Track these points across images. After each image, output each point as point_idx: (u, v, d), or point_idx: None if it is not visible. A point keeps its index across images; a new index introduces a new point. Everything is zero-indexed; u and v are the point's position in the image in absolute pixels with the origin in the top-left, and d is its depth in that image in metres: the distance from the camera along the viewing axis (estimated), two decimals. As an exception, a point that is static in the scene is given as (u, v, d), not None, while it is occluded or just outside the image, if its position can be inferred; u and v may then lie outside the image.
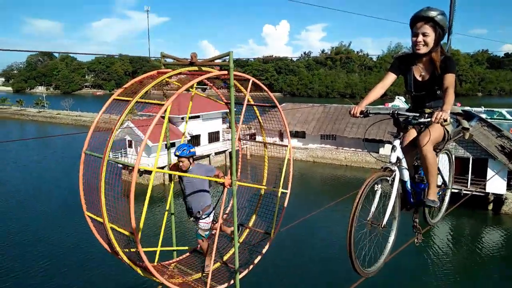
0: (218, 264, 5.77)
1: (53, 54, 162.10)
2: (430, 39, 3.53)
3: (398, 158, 3.66)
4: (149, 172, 34.79)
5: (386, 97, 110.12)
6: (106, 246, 4.70)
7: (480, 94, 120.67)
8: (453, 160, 4.69)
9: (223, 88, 5.91)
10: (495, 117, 58.00)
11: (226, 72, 4.66)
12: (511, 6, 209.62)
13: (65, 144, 52.39)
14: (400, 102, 78.09)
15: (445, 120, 3.20)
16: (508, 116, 61.31)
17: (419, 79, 3.80)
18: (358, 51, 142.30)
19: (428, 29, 3.49)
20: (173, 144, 36.52)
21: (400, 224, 3.97)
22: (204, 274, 5.35)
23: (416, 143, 3.80)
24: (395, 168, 3.61)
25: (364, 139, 42.30)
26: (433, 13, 3.44)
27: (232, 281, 5.17)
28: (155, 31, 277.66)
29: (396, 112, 3.59)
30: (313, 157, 44.76)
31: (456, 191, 28.74)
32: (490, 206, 30.83)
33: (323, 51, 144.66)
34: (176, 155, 5.16)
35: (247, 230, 6.21)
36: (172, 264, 5.56)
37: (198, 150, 39.64)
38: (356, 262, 3.47)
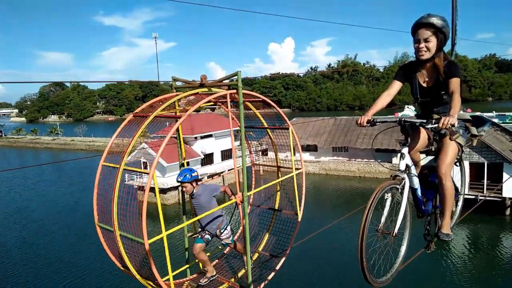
0: (226, 284, 5.69)
1: (64, 84, 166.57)
2: (432, 45, 3.56)
3: (407, 166, 3.64)
4: (165, 191, 35.22)
5: (396, 106, 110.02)
6: (116, 262, 4.69)
7: (491, 99, 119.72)
8: (464, 165, 4.57)
9: (234, 107, 5.99)
10: (507, 121, 57.48)
11: (234, 91, 4.72)
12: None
13: (79, 169, 53.28)
14: (410, 111, 77.83)
15: (453, 125, 3.19)
16: (520, 120, 60.69)
17: (424, 85, 3.83)
18: (365, 62, 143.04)
19: (429, 35, 3.53)
20: (187, 163, 37.06)
21: (412, 233, 3.97)
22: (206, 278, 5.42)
23: (425, 141, 3.88)
24: (405, 175, 3.60)
25: (374, 149, 42.14)
26: (433, 20, 3.49)
27: None
28: (163, 56, 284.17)
29: (403, 119, 3.60)
30: (325, 170, 44.78)
31: (472, 197, 28.44)
32: (508, 211, 30.36)
33: (329, 65, 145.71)
34: (178, 181, 5.17)
35: (261, 247, 6.19)
36: (186, 282, 5.49)
37: (211, 168, 40.10)
38: (368, 272, 3.44)
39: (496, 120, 43.35)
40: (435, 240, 4.18)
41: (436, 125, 3.29)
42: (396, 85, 3.89)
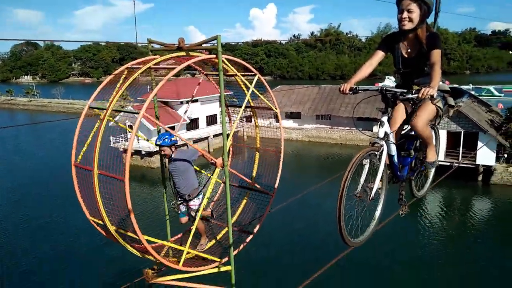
0: (213, 241, 5.87)
1: (37, 43, 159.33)
2: (415, 15, 3.60)
3: (385, 133, 3.78)
4: (151, 155, 35.41)
5: (376, 77, 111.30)
6: (101, 230, 4.77)
7: (468, 72, 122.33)
8: (439, 133, 4.81)
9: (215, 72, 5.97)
10: (483, 94, 59.47)
11: (214, 56, 4.65)
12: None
13: (61, 131, 52.41)
14: (390, 82, 78.95)
15: (432, 96, 3.29)
16: (495, 93, 62.93)
17: (406, 56, 3.90)
18: (347, 32, 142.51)
19: (413, 5, 3.58)
20: (172, 128, 37.16)
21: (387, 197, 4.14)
22: (198, 250, 5.52)
23: (405, 118, 3.99)
24: (383, 143, 3.74)
25: (356, 117, 43.18)
26: None
27: (226, 258, 5.29)
28: (140, 18, 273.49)
29: (384, 88, 3.73)
30: (308, 137, 45.72)
31: (448, 164, 29.95)
32: (480, 177, 32.21)
33: (312, 33, 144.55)
34: (157, 145, 5.21)
35: (238, 212, 6.32)
36: (165, 246, 5.58)
37: (197, 133, 40.33)
38: (345, 233, 3.59)
39: (473, 93, 44.87)
40: (408, 202, 4.54)
41: (416, 95, 3.39)
42: (379, 55, 3.98)
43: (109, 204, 4.43)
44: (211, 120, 42.71)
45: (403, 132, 4.31)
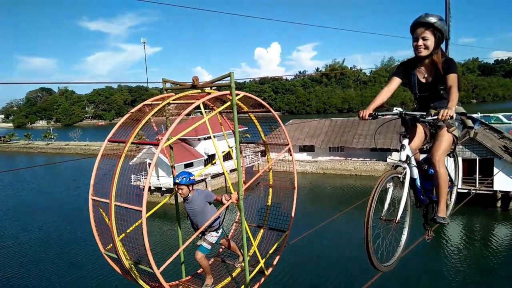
0: (228, 279, 5.73)
1: (52, 88, 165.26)
2: (430, 42, 3.73)
3: (407, 156, 3.81)
4: (170, 192, 36.13)
5: (383, 108, 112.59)
6: (116, 267, 4.73)
7: (475, 101, 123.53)
8: (458, 158, 4.80)
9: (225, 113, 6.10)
10: (492, 121, 60.01)
11: (228, 92, 4.75)
12: (497, 14, 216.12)
13: (78, 172, 53.63)
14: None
15: (451, 117, 3.35)
16: (504, 120, 63.46)
17: (423, 81, 3.99)
18: (352, 66, 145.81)
19: (427, 33, 3.71)
20: (191, 164, 38.10)
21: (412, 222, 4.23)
22: None
23: (422, 136, 4.06)
24: (406, 165, 3.77)
25: (370, 148, 43.77)
26: (431, 19, 3.70)
27: None
28: (149, 61, 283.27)
29: (403, 112, 3.80)
30: (323, 169, 46.27)
31: (465, 191, 30.19)
32: (499, 204, 32.28)
33: (317, 69, 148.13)
34: (175, 183, 5.10)
35: (260, 234, 6.29)
36: (181, 285, 5.57)
37: (213, 169, 41.17)
38: (374, 257, 3.62)
39: (483, 121, 45.52)
40: (433, 227, 4.53)
41: (436, 117, 3.46)
42: (396, 82, 4.07)
43: (126, 240, 4.38)
44: (226, 156, 43.59)
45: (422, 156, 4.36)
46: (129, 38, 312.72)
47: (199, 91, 4.92)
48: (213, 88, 5.17)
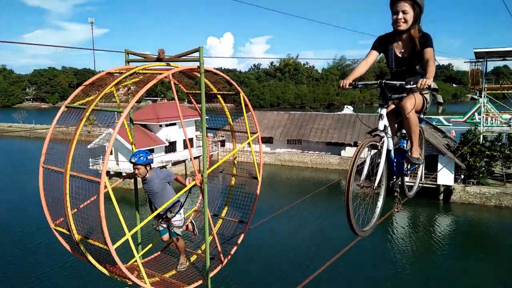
0: (194, 257, 5.65)
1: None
2: (410, 16, 3.78)
3: (385, 126, 3.92)
4: (130, 177, 35.47)
5: (334, 106, 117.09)
6: (66, 244, 4.48)
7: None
8: (424, 135, 4.95)
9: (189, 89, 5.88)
10: (434, 123, 64.88)
11: (196, 66, 4.58)
12: (442, 18, 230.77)
13: (23, 156, 50.79)
14: (348, 111, 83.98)
15: (429, 86, 3.52)
16: (445, 122, 68.69)
17: (399, 55, 4.07)
18: (304, 63, 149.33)
19: (407, 7, 3.76)
20: (152, 150, 37.64)
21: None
22: (178, 270, 5.38)
23: (397, 114, 4.18)
24: (383, 134, 3.88)
25: (326, 142, 45.73)
26: None
27: (200, 281, 5.21)
28: (95, 43, 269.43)
29: (383, 81, 3.89)
30: (280, 161, 47.68)
31: (412, 184, 32.74)
32: (441, 196, 35.45)
33: (271, 63, 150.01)
34: (131, 162, 4.90)
35: (220, 222, 6.12)
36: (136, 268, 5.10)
37: (174, 156, 41.01)
38: (354, 222, 3.68)
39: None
40: (402, 201, 4.77)
41: (415, 86, 3.62)
42: (373, 55, 4.15)
43: (78, 217, 4.11)
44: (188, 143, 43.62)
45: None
46: (73, 17, 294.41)
47: (165, 64, 4.70)
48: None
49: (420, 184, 5.10)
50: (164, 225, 5.31)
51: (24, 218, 29.68)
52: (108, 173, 36.98)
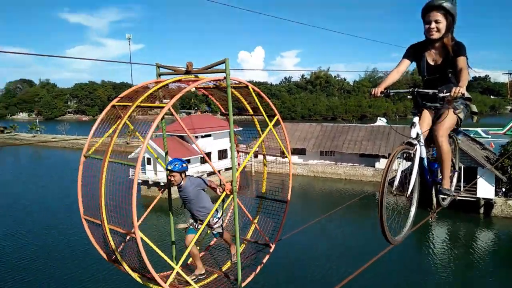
0: (215, 275, 5.57)
1: (32, 80, 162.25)
2: (442, 25, 3.79)
3: (417, 134, 3.87)
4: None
5: (366, 118, 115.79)
6: (103, 253, 4.56)
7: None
8: (457, 142, 4.89)
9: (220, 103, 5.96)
10: (472, 135, 63.02)
11: (223, 77, 4.69)
12: (477, 30, 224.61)
13: (64, 166, 53.34)
14: (381, 123, 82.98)
15: (463, 95, 3.47)
16: (483, 134, 66.62)
17: (432, 63, 4.06)
18: (336, 75, 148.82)
19: (439, 16, 3.76)
20: (188, 161, 38.81)
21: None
22: (233, 263, 5.47)
23: (431, 126, 4.08)
24: (416, 142, 3.83)
25: (359, 154, 45.52)
26: (443, 2, 3.74)
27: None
28: (132, 58, 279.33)
29: (416, 89, 3.88)
30: (313, 172, 47.77)
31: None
32: (482, 210, 34.41)
33: (302, 76, 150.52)
34: (167, 169, 5.03)
35: (252, 228, 6.13)
36: (172, 275, 5.14)
37: (209, 167, 41.97)
38: (387, 229, 3.66)
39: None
40: (437, 210, 4.68)
41: (448, 94, 3.58)
42: (405, 63, 4.16)
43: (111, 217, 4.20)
44: (222, 154, 44.65)
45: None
46: (110, 33, 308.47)
47: (193, 77, 4.82)
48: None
49: (454, 195, 4.74)
50: (198, 226, 5.33)
51: (67, 225, 31.28)
52: (146, 182, 38.41)
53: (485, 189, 33.70)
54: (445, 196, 4.43)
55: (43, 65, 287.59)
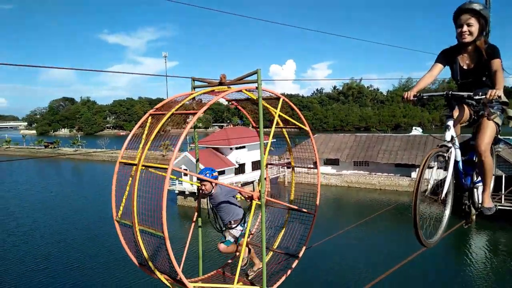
0: (240, 283, 5.53)
1: (74, 98, 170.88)
2: (475, 29, 3.73)
3: (452, 137, 3.80)
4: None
5: (400, 128, 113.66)
6: (134, 259, 4.64)
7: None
8: (494, 148, 4.65)
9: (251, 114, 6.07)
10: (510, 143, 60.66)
11: (254, 86, 4.77)
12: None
13: (106, 179, 55.67)
14: (417, 132, 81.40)
15: (499, 97, 3.41)
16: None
17: (465, 67, 4.00)
18: (368, 86, 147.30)
19: (472, 20, 3.71)
20: (222, 172, 39.82)
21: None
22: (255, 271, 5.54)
23: (467, 115, 4.02)
24: (451, 145, 3.77)
25: (394, 163, 44.94)
26: (475, 5, 3.70)
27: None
28: (167, 74, 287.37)
29: (450, 92, 3.80)
30: (347, 182, 47.56)
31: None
32: (525, 220, 33.08)
33: (334, 87, 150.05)
34: (198, 179, 5.16)
35: (275, 245, 6.17)
36: (199, 281, 5.36)
37: (243, 177, 42.85)
38: (421, 232, 3.60)
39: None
40: (473, 215, 4.46)
41: (484, 96, 3.50)
42: (438, 68, 4.11)
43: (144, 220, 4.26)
44: (256, 166, 45.42)
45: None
46: (147, 52, 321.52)
47: (226, 88, 4.98)
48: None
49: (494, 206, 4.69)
50: (228, 237, 5.42)
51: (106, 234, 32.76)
52: (183, 193, 39.65)
53: (528, 198, 32.47)
54: (487, 214, 4.37)
55: (84, 83, 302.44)
